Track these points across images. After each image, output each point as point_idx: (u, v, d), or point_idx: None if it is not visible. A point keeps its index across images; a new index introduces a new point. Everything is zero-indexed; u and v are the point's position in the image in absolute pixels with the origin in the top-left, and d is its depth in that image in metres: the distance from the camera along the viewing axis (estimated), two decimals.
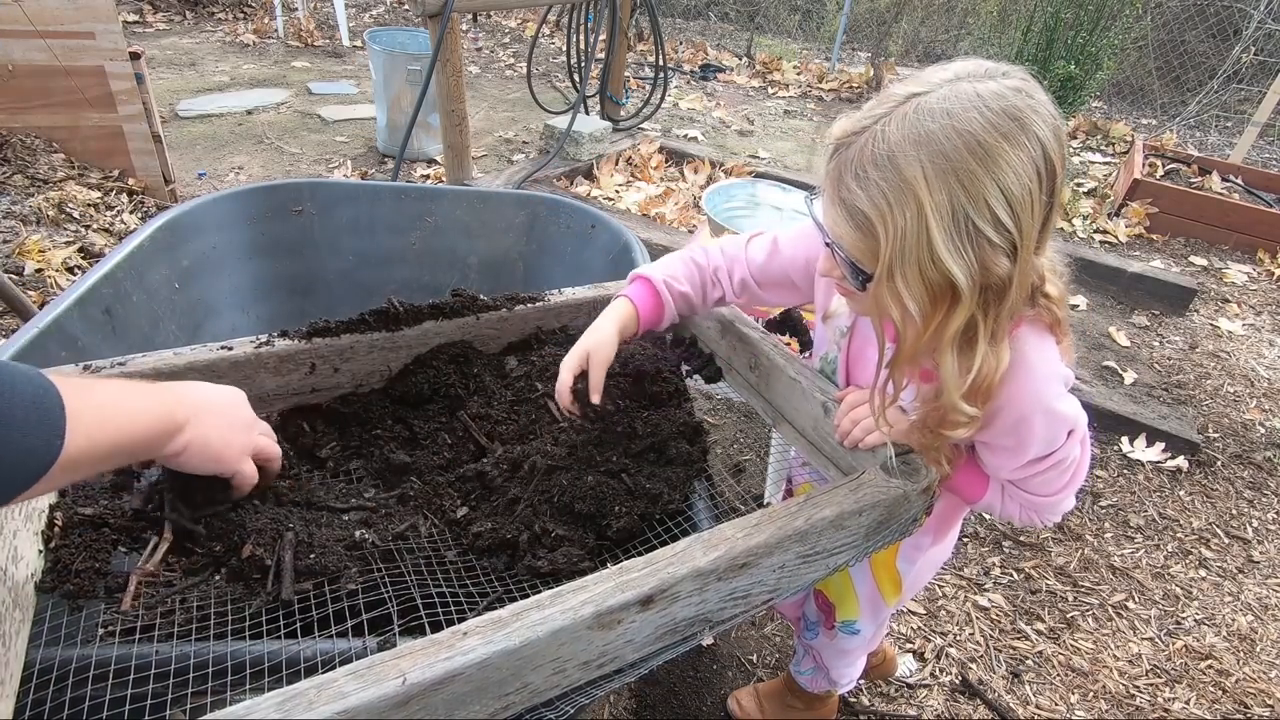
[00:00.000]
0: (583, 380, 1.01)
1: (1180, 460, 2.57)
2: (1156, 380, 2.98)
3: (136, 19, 6.17)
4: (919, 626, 1.94)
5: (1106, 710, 1.78)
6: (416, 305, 1.13)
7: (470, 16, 7.15)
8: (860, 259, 0.80)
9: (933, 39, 7.44)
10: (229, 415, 0.84)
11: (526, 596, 0.71)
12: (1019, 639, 1.94)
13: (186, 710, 0.69)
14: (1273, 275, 3.93)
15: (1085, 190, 4.62)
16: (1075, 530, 2.29)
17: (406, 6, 7.39)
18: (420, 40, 4.29)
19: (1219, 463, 2.61)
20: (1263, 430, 2.79)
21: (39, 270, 2.55)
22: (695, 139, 4.85)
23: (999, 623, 1.97)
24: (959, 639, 1.92)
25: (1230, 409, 2.88)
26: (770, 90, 6.28)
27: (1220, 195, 4.32)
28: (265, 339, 1.03)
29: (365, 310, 1.11)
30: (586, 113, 4.28)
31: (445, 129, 3.26)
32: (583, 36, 4.22)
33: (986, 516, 2.24)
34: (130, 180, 3.17)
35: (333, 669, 0.61)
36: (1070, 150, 5.38)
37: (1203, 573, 2.20)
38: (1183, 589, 2.13)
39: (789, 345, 1.18)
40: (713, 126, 5.22)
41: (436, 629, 0.68)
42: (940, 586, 2.06)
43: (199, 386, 0.84)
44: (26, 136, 3.01)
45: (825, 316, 1.11)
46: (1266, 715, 1.81)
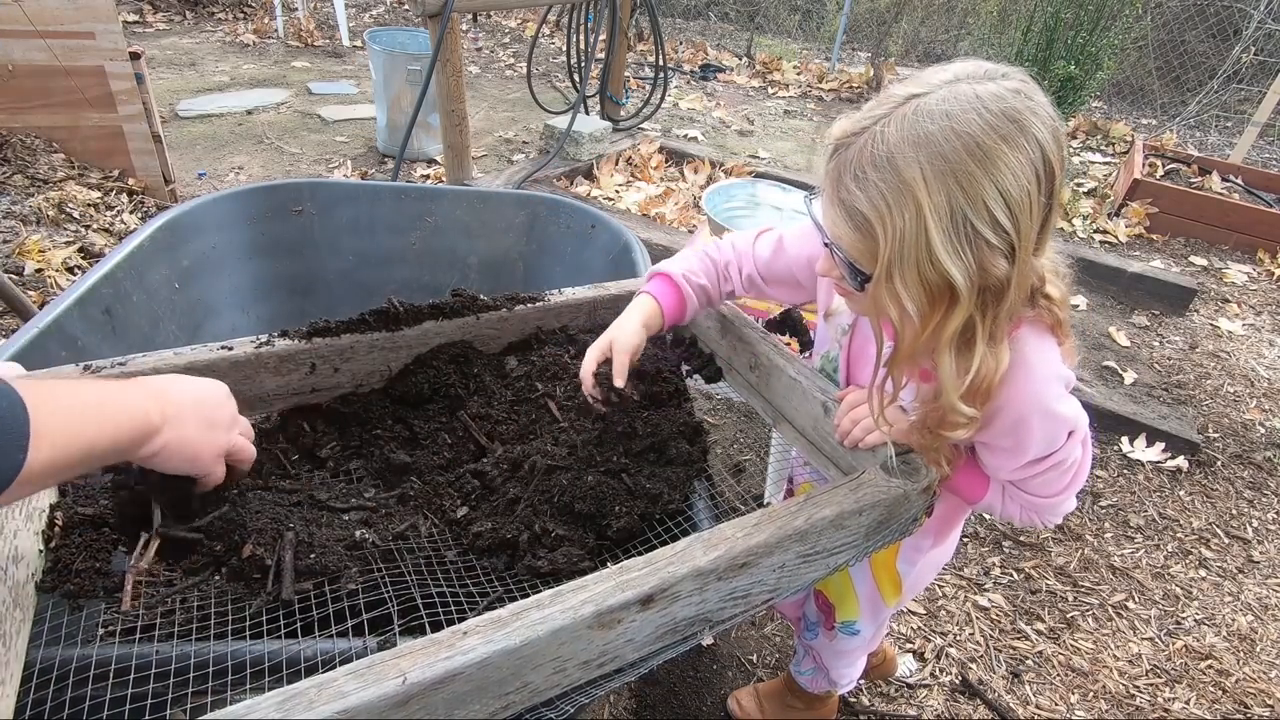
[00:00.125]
0: (606, 367, 1.01)
1: (1180, 460, 2.57)
2: (1156, 380, 2.98)
3: (136, 19, 6.17)
4: (919, 626, 1.94)
5: (1106, 710, 1.78)
6: (416, 305, 1.13)
7: (470, 16, 7.15)
8: (859, 259, 0.80)
9: (933, 39, 7.44)
10: (208, 415, 0.82)
11: (526, 596, 0.71)
12: (1019, 639, 1.94)
13: (186, 710, 0.69)
14: (1273, 275, 3.93)
15: (1085, 190, 4.62)
16: (1075, 530, 2.29)
17: (406, 6, 7.39)
18: (420, 40, 4.29)
19: (1219, 463, 2.61)
20: (1263, 430, 2.79)
21: (39, 270, 2.55)
22: (695, 139, 4.85)
23: (999, 623, 1.97)
24: (959, 639, 1.92)
25: (1230, 409, 2.88)
26: (770, 90, 6.28)
27: (1220, 195, 4.32)
28: (265, 339, 1.03)
29: (365, 310, 1.11)
30: (586, 113, 4.28)
31: (445, 129, 3.26)
32: (583, 36, 4.22)
33: (986, 517, 2.24)
34: (130, 180, 3.17)
35: (333, 669, 0.61)
36: (1070, 150, 5.38)
37: (1203, 573, 2.20)
38: (1183, 589, 2.13)
39: (789, 345, 1.18)
40: (713, 126, 5.22)
41: (436, 629, 0.68)
42: (940, 586, 2.06)
43: (180, 382, 0.82)
44: (26, 136, 3.02)
45: (827, 315, 1.11)
46: (1266, 715, 1.81)
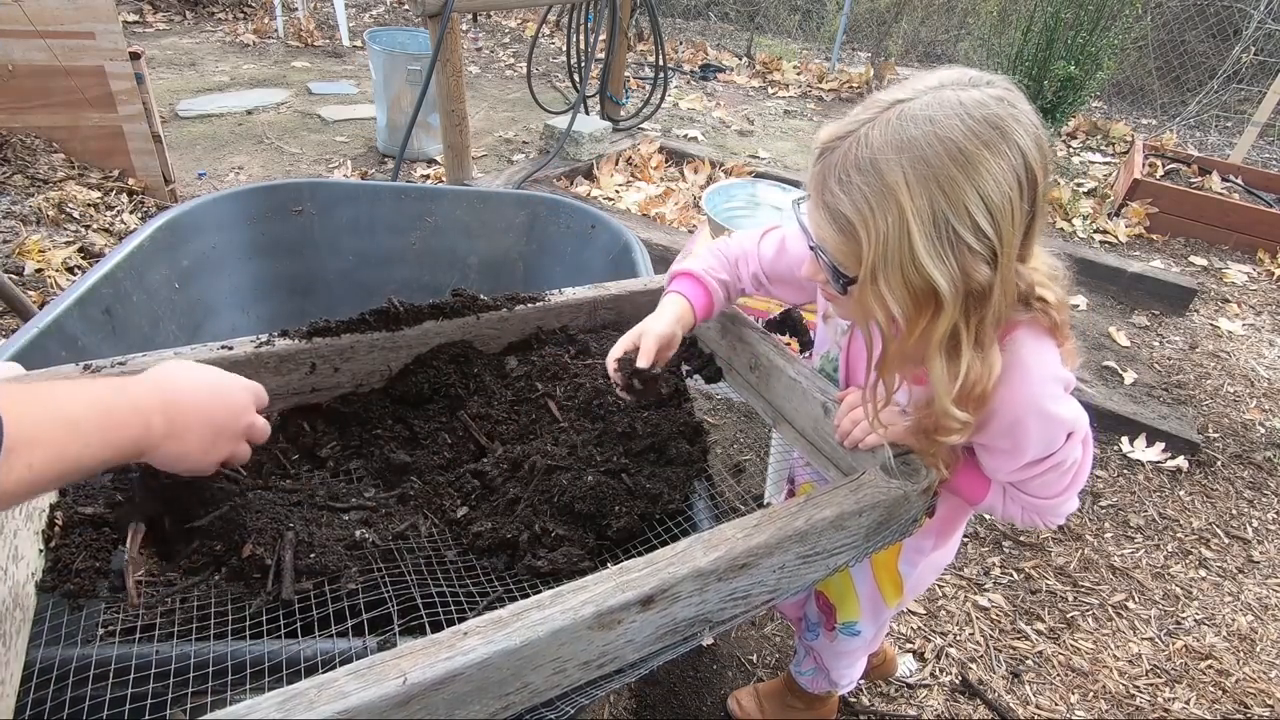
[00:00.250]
0: (634, 355, 1.02)
1: (1180, 460, 2.57)
2: (1156, 380, 2.98)
3: (136, 19, 6.17)
4: (919, 626, 1.94)
5: (1106, 710, 1.78)
6: (417, 305, 1.13)
7: (470, 16, 7.15)
8: (843, 262, 0.81)
9: (933, 39, 7.44)
10: (217, 427, 0.78)
11: (526, 596, 0.71)
12: (1019, 639, 1.94)
13: (186, 710, 0.69)
14: (1273, 275, 3.93)
15: (1085, 190, 4.62)
16: (1075, 530, 2.29)
17: (406, 6, 7.39)
18: (420, 40, 4.29)
19: (1219, 463, 2.61)
20: (1263, 430, 2.79)
21: (39, 270, 2.55)
22: (695, 139, 4.85)
23: (999, 623, 1.97)
24: (959, 639, 1.92)
25: (1230, 409, 2.88)
26: (770, 90, 6.28)
27: (1220, 195, 4.32)
28: (265, 339, 1.03)
29: (365, 310, 1.11)
30: (586, 113, 4.28)
31: (445, 129, 3.26)
32: (583, 36, 4.22)
33: (986, 517, 2.24)
34: (130, 180, 3.17)
35: (333, 669, 0.61)
36: (1070, 150, 5.38)
37: (1203, 573, 2.20)
38: (1183, 589, 2.13)
39: (789, 345, 1.18)
40: (713, 126, 5.22)
41: (437, 629, 0.69)
42: (940, 587, 2.06)
43: (197, 390, 0.78)
44: (26, 136, 3.01)
45: (826, 316, 1.12)
46: (1266, 715, 1.81)
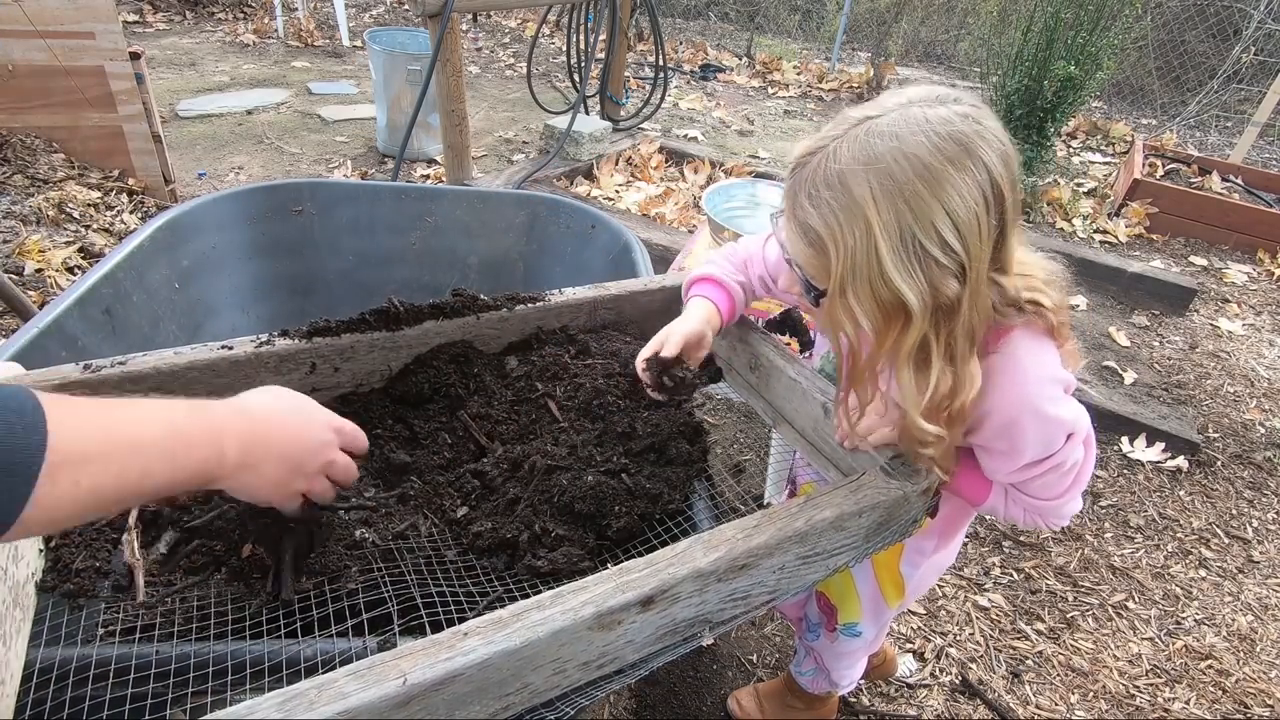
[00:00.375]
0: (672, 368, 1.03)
1: (1180, 460, 2.57)
2: (1156, 380, 2.98)
3: (136, 19, 6.17)
4: (919, 626, 1.94)
5: (1106, 710, 1.78)
6: (417, 305, 1.13)
7: (470, 16, 7.15)
8: (813, 275, 0.83)
9: (933, 39, 7.44)
10: (294, 464, 0.72)
11: (526, 596, 0.71)
12: (1019, 639, 1.94)
13: (186, 710, 0.69)
14: (1273, 275, 3.93)
15: (1085, 190, 4.62)
16: (1075, 530, 2.29)
17: (406, 6, 7.38)
18: (420, 40, 4.29)
19: (1219, 463, 2.61)
20: (1263, 430, 2.78)
21: (39, 270, 2.55)
22: (695, 139, 4.85)
23: (999, 623, 1.97)
24: (959, 639, 1.92)
25: (1230, 409, 2.88)
26: (770, 90, 6.28)
27: (1220, 195, 4.32)
28: (266, 338, 1.03)
29: (365, 310, 1.11)
30: (586, 113, 4.28)
31: (445, 129, 3.26)
32: (583, 36, 4.22)
33: (986, 517, 2.24)
34: (130, 180, 3.17)
35: (333, 669, 0.61)
36: (1070, 150, 5.39)
37: (1203, 573, 2.20)
38: (1183, 589, 2.13)
39: (789, 345, 1.18)
40: (713, 126, 5.22)
41: (437, 629, 0.68)
42: (940, 587, 2.05)
43: (270, 410, 0.71)
44: (26, 136, 3.01)
45: None
46: (1266, 715, 1.81)
